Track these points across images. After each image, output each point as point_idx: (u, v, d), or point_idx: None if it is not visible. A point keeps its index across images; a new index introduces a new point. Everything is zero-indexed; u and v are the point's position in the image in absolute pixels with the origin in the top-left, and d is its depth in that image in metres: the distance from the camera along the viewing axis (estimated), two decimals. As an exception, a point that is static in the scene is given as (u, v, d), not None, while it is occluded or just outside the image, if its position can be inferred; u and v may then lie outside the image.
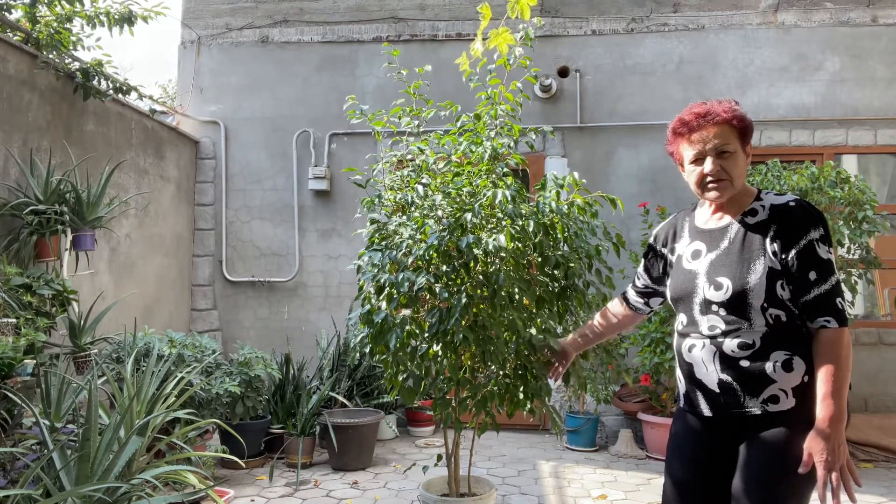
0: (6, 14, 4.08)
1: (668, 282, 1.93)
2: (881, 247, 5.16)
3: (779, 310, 1.67)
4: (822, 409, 1.58)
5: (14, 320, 3.10)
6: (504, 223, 2.80)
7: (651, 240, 2.06)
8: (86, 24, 4.33)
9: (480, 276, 2.78)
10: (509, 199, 2.65)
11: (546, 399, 2.89)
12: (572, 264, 2.77)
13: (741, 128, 1.74)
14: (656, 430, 4.76)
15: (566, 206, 2.86)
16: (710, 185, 1.75)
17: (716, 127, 1.72)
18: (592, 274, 2.90)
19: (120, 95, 4.64)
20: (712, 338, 1.73)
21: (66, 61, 4.22)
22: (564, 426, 5.10)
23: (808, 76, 5.61)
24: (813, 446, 1.57)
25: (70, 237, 3.85)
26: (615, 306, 2.22)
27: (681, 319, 1.86)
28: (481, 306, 2.78)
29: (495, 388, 2.85)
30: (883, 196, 5.54)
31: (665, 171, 5.62)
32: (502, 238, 2.60)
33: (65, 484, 2.39)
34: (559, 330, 2.93)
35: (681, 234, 1.93)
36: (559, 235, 2.85)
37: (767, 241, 1.69)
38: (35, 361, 3.05)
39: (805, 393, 1.64)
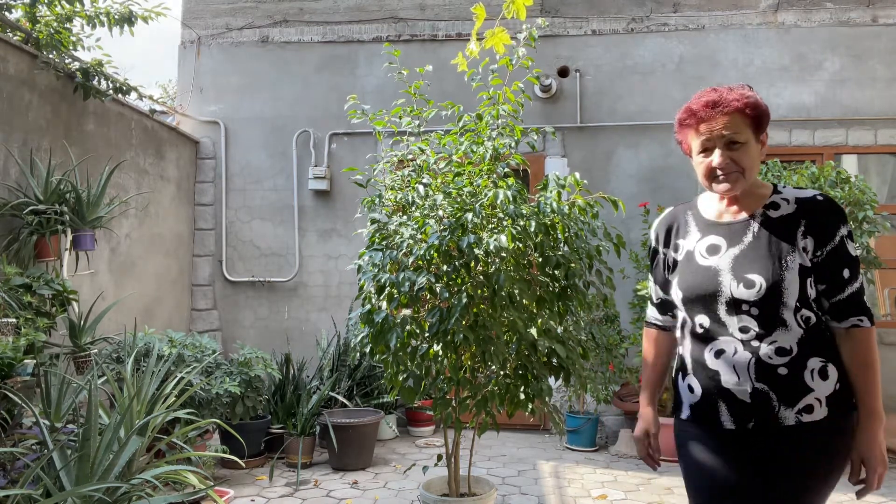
0: (6, 14, 4.07)
1: (676, 280, 1.74)
2: (881, 247, 5.17)
3: (809, 311, 1.58)
4: (869, 414, 1.54)
5: (14, 320, 3.10)
6: (505, 223, 2.80)
7: (652, 242, 1.88)
8: (86, 24, 4.33)
9: (481, 276, 2.79)
10: (510, 199, 2.65)
11: (546, 399, 2.89)
12: (573, 264, 2.77)
13: (754, 116, 1.61)
14: (656, 430, 4.76)
15: (567, 207, 2.87)
16: (721, 178, 1.63)
17: (726, 117, 1.60)
18: (593, 274, 2.90)
19: (120, 95, 4.64)
20: (746, 342, 1.59)
21: (66, 61, 4.22)
22: (564, 426, 5.10)
23: (808, 76, 5.61)
24: (866, 454, 1.52)
25: (70, 237, 3.85)
26: (650, 338, 1.95)
27: (700, 322, 1.68)
28: (482, 306, 2.78)
29: (495, 388, 2.85)
30: (883, 196, 5.54)
31: (665, 170, 5.62)
32: (503, 238, 2.60)
33: (65, 484, 2.39)
34: (559, 330, 2.93)
35: (685, 228, 1.78)
36: (560, 236, 2.85)
37: (798, 236, 1.58)
38: (35, 361, 3.05)
39: (837, 402, 1.55)
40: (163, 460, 2.95)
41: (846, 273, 1.57)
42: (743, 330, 1.60)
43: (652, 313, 1.94)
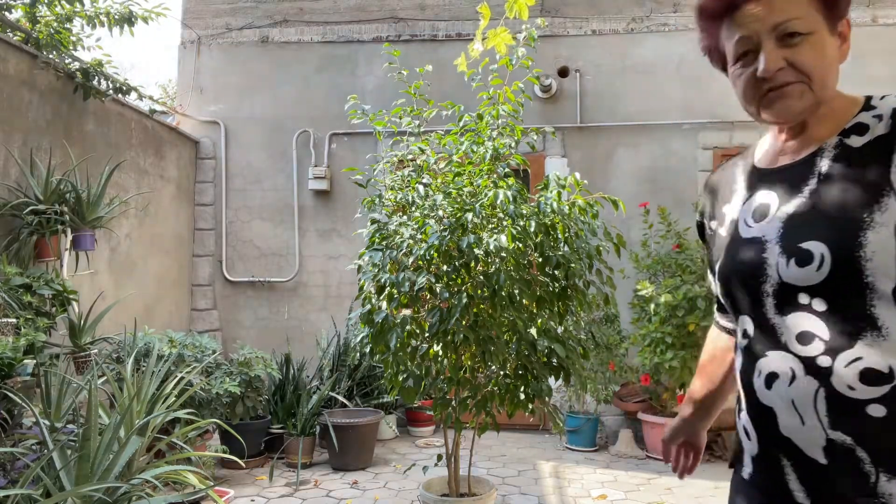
0: (6, 14, 4.07)
1: (717, 262, 1.14)
2: (881, 247, 5.17)
3: None
4: None
5: (14, 320, 3.10)
6: (505, 223, 2.80)
7: (697, 215, 1.29)
8: (86, 24, 4.33)
9: (481, 276, 2.79)
10: (510, 199, 2.66)
11: (546, 399, 2.90)
12: (573, 264, 2.77)
13: None
14: (656, 430, 4.76)
15: (567, 207, 2.87)
16: (772, 94, 1.00)
17: None
18: (593, 274, 2.91)
19: (120, 95, 4.64)
20: (809, 361, 0.94)
21: (66, 61, 4.22)
22: (564, 426, 5.10)
23: (808, 76, 5.60)
24: None
25: (70, 237, 3.85)
26: (708, 339, 1.38)
27: (744, 327, 1.07)
28: (482, 306, 2.79)
29: (495, 388, 2.85)
30: (883, 196, 5.54)
31: (665, 171, 5.62)
32: (503, 238, 2.60)
33: (65, 484, 2.39)
34: (559, 330, 2.93)
35: (731, 187, 1.17)
36: (560, 236, 2.85)
37: (893, 168, 0.93)
38: (35, 361, 3.05)
39: None
40: (163, 460, 2.94)
41: None
42: (803, 338, 0.96)
43: (715, 310, 1.36)
